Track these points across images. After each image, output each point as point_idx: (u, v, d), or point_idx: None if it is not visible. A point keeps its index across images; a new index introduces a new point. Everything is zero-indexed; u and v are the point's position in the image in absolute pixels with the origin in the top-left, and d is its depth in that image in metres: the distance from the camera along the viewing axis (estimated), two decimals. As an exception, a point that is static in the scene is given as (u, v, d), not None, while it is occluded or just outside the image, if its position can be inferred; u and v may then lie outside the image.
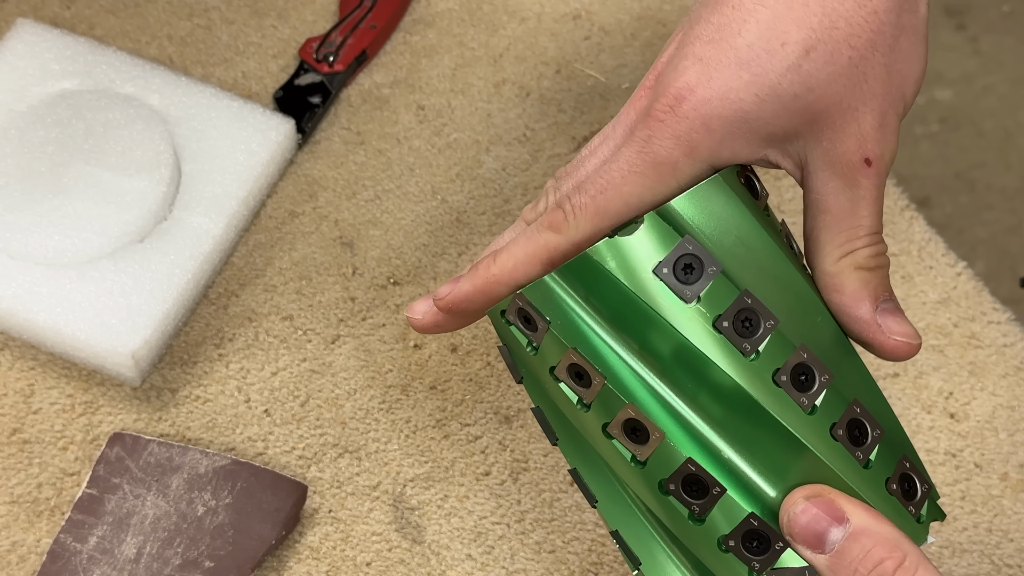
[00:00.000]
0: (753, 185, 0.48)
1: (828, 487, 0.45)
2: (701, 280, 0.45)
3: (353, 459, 0.66)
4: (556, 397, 0.48)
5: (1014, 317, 0.71)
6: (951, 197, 1.45)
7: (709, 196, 0.46)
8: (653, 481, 0.46)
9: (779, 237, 0.47)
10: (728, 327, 0.45)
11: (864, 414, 0.46)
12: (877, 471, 0.46)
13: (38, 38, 0.72)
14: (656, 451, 0.45)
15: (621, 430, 0.46)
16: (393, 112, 0.75)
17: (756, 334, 0.45)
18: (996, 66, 1.53)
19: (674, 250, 0.45)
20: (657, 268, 0.45)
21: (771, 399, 0.45)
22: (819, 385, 0.45)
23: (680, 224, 0.45)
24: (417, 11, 0.78)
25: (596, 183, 0.47)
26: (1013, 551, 0.65)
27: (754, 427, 0.45)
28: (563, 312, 0.46)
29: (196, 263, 0.67)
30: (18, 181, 0.68)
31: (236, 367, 0.68)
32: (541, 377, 0.48)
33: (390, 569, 0.63)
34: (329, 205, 0.72)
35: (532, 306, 0.47)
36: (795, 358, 0.45)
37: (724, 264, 0.45)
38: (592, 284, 0.46)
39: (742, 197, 0.46)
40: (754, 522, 0.45)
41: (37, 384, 0.67)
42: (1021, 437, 0.68)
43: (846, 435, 0.45)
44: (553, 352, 0.47)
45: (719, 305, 0.45)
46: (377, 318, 0.69)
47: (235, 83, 0.75)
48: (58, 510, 0.64)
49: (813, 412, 0.45)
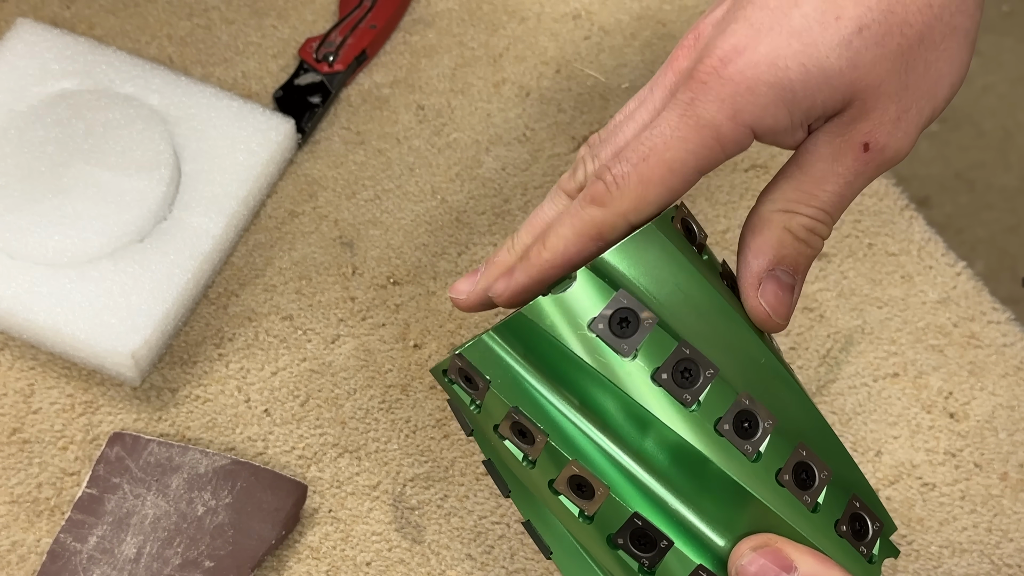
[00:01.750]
0: (690, 228, 0.47)
1: (775, 536, 0.45)
2: (638, 333, 0.44)
3: (353, 459, 0.66)
4: (502, 454, 0.47)
5: (1014, 317, 0.71)
6: (951, 197, 1.45)
7: (644, 246, 0.45)
8: (602, 536, 0.45)
9: (718, 281, 0.47)
10: (667, 379, 0.44)
11: (810, 456, 0.45)
12: (826, 514, 0.46)
13: (38, 38, 0.72)
14: (602, 506, 0.45)
15: (567, 486, 0.45)
16: (393, 112, 0.75)
17: (696, 384, 0.44)
18: (996, 66, 1.53)
19: (608, 304, 0.44)
20: (592, 324, 0.44)
21: (714, 449, 0.44)
22: (762, 431, 0.45)
23: (615, 278, 0.45)
24: (417, 11, 0.78)
25: (637, 150, 0.46)
26: (1013, 551, 0.65)
27: (699, 478, 0.44)
28: (503, 371, 0.46)
29: (196, 263, 0.67)
30: (18, 181, 0.68)
31: (236, 367, 0.68)
32: (487, 434, 0.48)
33: (390, 569, 0.63)
34: (329, 205, 0.72)
35: (472, 366, 0.46)
36: (737, 405, 0.45)
37: (661, 315, 0.45)
38: (530, 342, 0.45)
39: (678, 244, 0.46)
40: (703, 573, 0.45)
41: (37, 384, 0.67)
42: (1021, 437, 0.68)
43: (793, 479, 0.45)
44: (496, 410, 0.46)
45: (657, 358, 0.44)
46: (377, 318, 0.69)
47: (235, 83, 0.75)
48: (58, 510, 0.64)
49: (758, 459, 0.45)
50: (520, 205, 0.73)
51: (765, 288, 0.46)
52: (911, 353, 0.70)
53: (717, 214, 0.73)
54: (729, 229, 0.72)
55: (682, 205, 0.48)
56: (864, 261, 0.72)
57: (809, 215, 0.46)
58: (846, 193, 0.47)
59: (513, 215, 0.72)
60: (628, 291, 0.45)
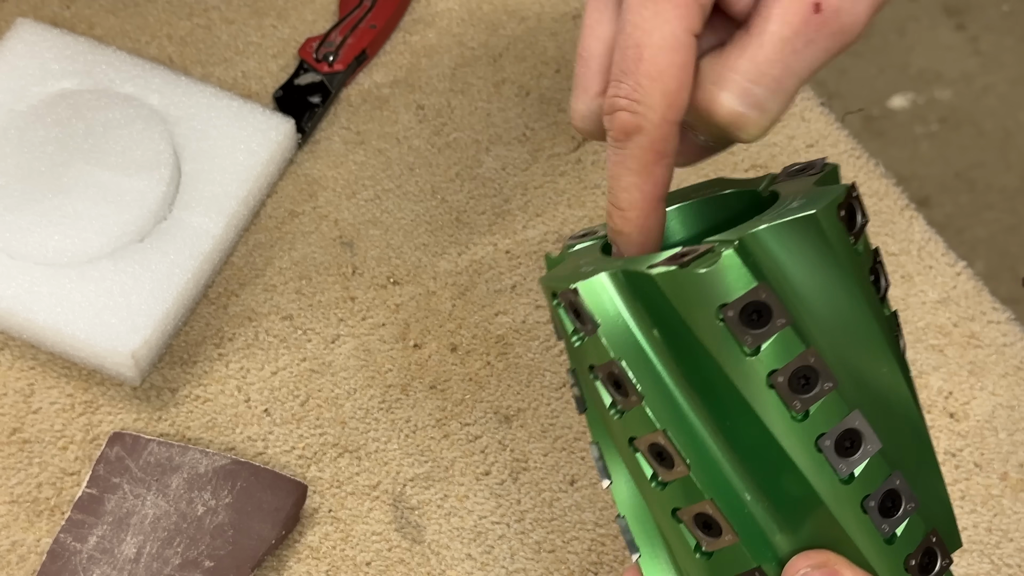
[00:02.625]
0: (853, 215, 0.45)
1: (836, 556, 0.43)
2: (766, 329, 0.42)
3: (353, 459, 0.66)
4: (591, 391, 0.46)
5: (1014, 317, 0.71)
6: (951, 197, 1.45)
7: (800, 234, 0.43)
8: (668, 505, 0.45)
9: (865, 279, 0.45)
10: (783, 383, 0.42)
11: (903, 486, 0.44)
12: (900, 546, 0.44)
13: (38, 38, 0.72)
14: (678, 481, 0.44)
15: (648, 450, 0.44)
16: (393, 112, 0.75)
17: (811, 393, 0.43)
18: (996, 66, 1.53)
19: (746, 295, 0.42)
20: (723, 309, 0.42)
21: (808, 462, 0.43)
22: (862, 454, 0.43)
23: (760, 261, 0.42)
24: (417, 11, 0.78)
25: (627, 56, 0.43)
26: (1013, 551, 0.65)
27: (784, 486, 0.43)
28: (614, 319, 0.44)
29: (196, 263, 0.67)
30: (18, 181, 0.68)
31: (236, 367, 0.68)
32: (581, 366, 0.46)
33: (390, 569, 0.63)
34: (329, 205, 0.72)
35: (584, 305, 0.44)
36: (845, 423, 0.43)
37: (796, 314, 0.42)
38: (652, 302, 0.43)
39: (835, 238, 0.43)
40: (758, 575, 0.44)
41: (37, 384, 0.67)
42: (1021, 437, 0.68)
43: (878, 507, 0.43)
44: (598, 354, 0.45)
45: (779, 359, 0.42)
46: (377, 318, 0.69)
47: (235, 83, 0.75)
48: (58, 510, 0.64)
49: (849, 480, 0.43)
50: (520, 205, 0.73)
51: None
52: (911, 353, 0.70)
53: (717, 214, 0.73)
54: (729, 229, 0.72)
55: (852, 187, 0.45)
56: (864, 261, 0.72)
57: (739, 91, 0.43)
58: (790, 63, 0.43)
59: (513, 215, 0.72)
60: (769, 283, 0.42)
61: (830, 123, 0.76)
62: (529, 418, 0.67)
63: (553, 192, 0.73)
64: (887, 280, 0.47)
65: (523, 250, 0.71)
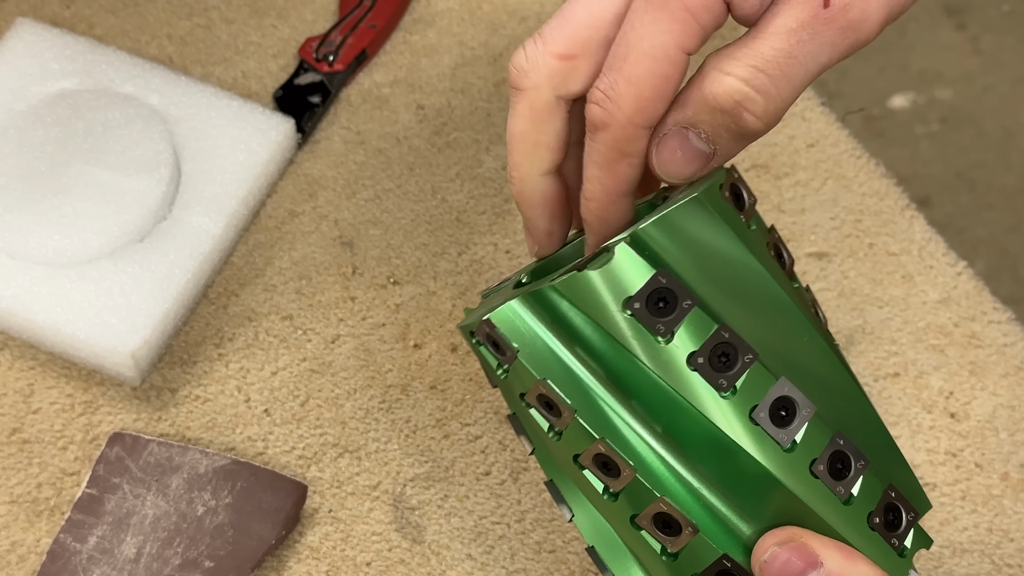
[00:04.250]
0: (739, 195, 0.46)
1: (801, 530, 0.43)
2: (675, 314, 0.43)
3: (353, 459, 0.66)
4: (528, 421, 0.46)
5: (1015, 317, 0.71)
6: (952, 197, 1.45)
7: (687, 218, 0.43)
8: (625, 515, 0.45)
9: (765, 255, 0.45)
10: (704, 363, 0.43)
11: (848, 446, 0.44)
12: (859, 505, 0.44)
13: (37, 37, 0.72)
14: (628, 487, 0.44)
15: (592, 463, 0.44)
16: (393, 111, 0.75)
17: (733, 369, 0.43)
18: (996, 65, 1.53)
19: (646, 284, 0.43)
20: (629, 303, 0.43)
21: (748, 437, 0.43)
22: (800, 419, 0.43)
23: (655, 252, 0.43)
24: (417, 10, 0.78)
25: (616, 54, 0.43)
26: (1014, 551, 0.65)
27: (730, 466, 0.43)
28: (531, 341, 0.44)
29: (196, 263, 0.67)
30: (18, 181, 0.68)
31: (236, 367, 0.68)
32: (512, 399, 0.47)
33: (390, 569, 0.63)
34: (329, 205, 0.72)
35: (499, 334, 0.45)
36: (775, 392, 0.43)
37: (702, 294, 0.43)
38: (562, 315, 0.44)
39: (724, 216, 0.44)
40: (727, 563, 0.43)
41: (37, 384, 0.67)
42: (1022, 437, 0.68)
43: (827, 470, 0.44)
44: (524, 379, 0.45)
45: (694, 341, 0.43)
46: (377, 318, 0.69)
47: (235, 82, 0.75)
48: (58, 510, 0.64)
49: (792, 448, 0.43)
50: (520, 205, 0.73)
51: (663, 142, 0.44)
52: (912, 353, 0.70)
53: (717, 214, 0.72)
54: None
55: (732, 169, 0.46)
56: (864, 261, 0.72)
57: (744, 76, 0.43)
58: (796, 53, 0.43)
59: (513, 215, 0.72)
60: (669, 269, 0.43)
61: (830, 123, 0.76)
62: (529, 418, 0.67)
63: (553, 192, 0.73)
64: (790, 256, 0.47)
65: (523, 250, 0.71)
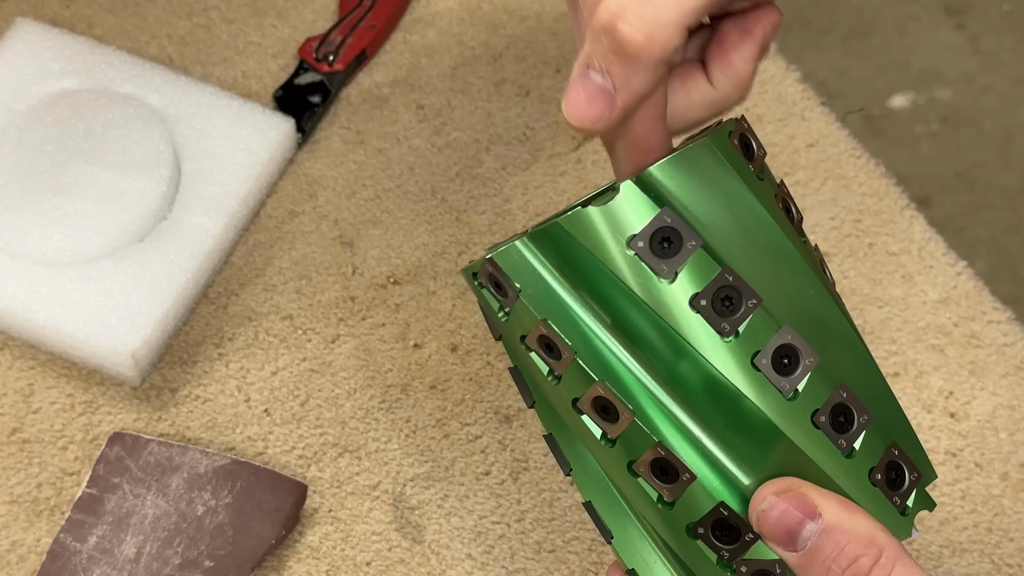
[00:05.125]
0: (748, 145, 0.45)
1: (800, 480, 0.42)
2: (679, 255, 0.42)
3: (353, 459, 0.66)
4: (528, 365, 0.46)
5: (1014, 316, 0.71)
6: (951, 196, 1.44)
7: (695, 161, 0.43)
8: (623, 461, 0.44)
9: (772, 204, 0.44)
10: (706, 306, 0.42)
11: (851, 399, 0.43)
12: (861, 460, 0.43)
13: (37, 37, 0.72)
14: (626, 431, 0.43)
15: (591, 407, 0.44)
16: (393, 111, 0.75)
17: (736, 313, 0.42)
18: (996, 65, 1.53)
19: (651, 223, 0.42)
20: (632, 241, 0.42)
21: (749, 383, 0.42)
22: (802, 368, 0.43)
23: (661, 193, 0.42)
24: (417, 10, 0.78)
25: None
26: (1013, 551, 0.65)
27: (730, 412, 0.42)
28: (534, 281, 0.44)
29: (196, 262, 0.67)
30: (17, 180, 0.68)
31: (236, 367, 0.68)
32: (514, 343, 0.46)
33: (390, 569, 0.63)
34: (329, 204, 0.72)
35: (502, 273, 0.44)
36: (778, 339, 0.42)
37: (707, 237, 0.42)
38: (566, 253, 0.43)
39: (733, 162, 0.43)
40: (724, 511, 0.43)
41: (37, 384, 0.67)
42: (1021, 436, 0.68)
43: (829, 421, 0.43)
44: (524, 321, 0.44)
45: (698, 282, 0.42)
46: (377, 318, 0.69)
47: (235, 82, 0.75)
48: (58, 510, 0.64)
49: (795, 397, 0.42)
50: (520, 205, 0.73)
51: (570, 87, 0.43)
52: (912, 353, 0.70)
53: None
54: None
55: (742, 119, 0.45)
56: (864, 261, 0.72)
57: None
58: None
59: (513, 215, 0.72)
60: (674, 209, 0.42)
61: (830, 123, 0.76)
62: (529, 418, 0.67)
63: (553, 192, 0.73)
64: (799, 212, 0.46)
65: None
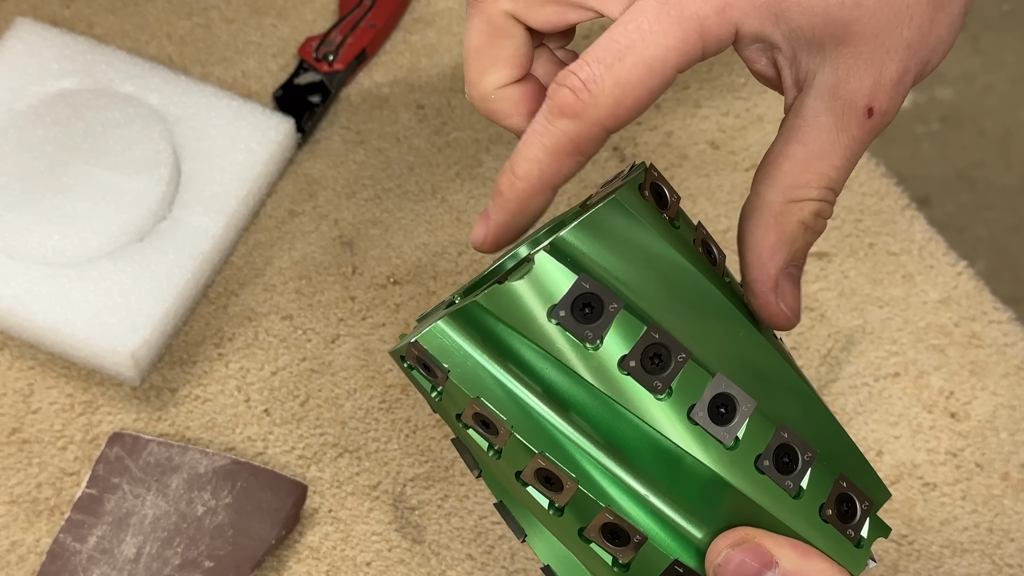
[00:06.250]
0: (661, 193, 0.45)
1: (754, 530, 0.42)
2: (602, 319, 0.42)
3: (353, 459, 0.66)
4: (468, 442, 0.45)
5: (1015, 316, 0.71)
6: (952, 196, 1.44)
7: (607, 221, 0.42)
8: (573, 528, 0.44)
9: (691, 250, 0.44)
10: (636, 366, 0.42)
11: (792, 438, 0.43)
12: (810, 498, 0.43)
13: (37, 37, 0.72)
14: (572, 499, 0.43)
15: (535, 478, 0.44)
16: (393, 111, 0.75)
17: (667, 370, 0.42)
18: (997, 65, 1.53)
19: (569, 291, 0.42)
20: (553, 312, 0.42)
21: (688, 438, 0.42)
22: (740, 415, 0.42)
23: (577, 258, 0.42)
24: (417, 10, 0.78)
25: (611, 49, 0.41)
26: (1014, 551, 0.65)
27: (673, 469, 0.42)
28: (461, 360, 0.43)
29: (196, 262, 0.67)
30: (17, 180, 0.67)
31: (236, 367, 0.68)
32: (451, 422, 0.45)
33: (390, 569, 0.63)
34: (329, 204, 0.72)
35: (429, 355, 0.44)
36: (712, 389, 0.42)
37: (629, 296, 0.42)
38: (489, 330, 0.43)
39: (645, 215, 0.43)
40: (679, 569, 0.43)
41: (36, 384, 0.67)
42: (1022, 437, 0.68)
43: (773, 464, 0.43)
44: (457, 400, 0.44)
45: (624, 344, 0.42)
46: (377, 317, 0.69)
47: (235, 82, 0.75)
48: (58, 510, 0.64)
49: (735, 446, 0.42)
50: (520, 205, 0.72)
51: (783, 290, 0.44)
52: (912, 353, 0.70)
53: (718, 213, 0.72)
54: (729, 229, 0.72)
55: (651, 168, 0.45)
56: (865, 261, 0.72)
57: (819, 198, 0.43)
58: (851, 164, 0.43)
59: (513, 215, 0.72)
60: (591, 273, 0.42)
61: (831, 122, 0.76)
62: (529, 418, 0.67)
63: (553, 192, 0.73)
64: (721, 252, 0.46)
65: (523, 250, 0.71)
